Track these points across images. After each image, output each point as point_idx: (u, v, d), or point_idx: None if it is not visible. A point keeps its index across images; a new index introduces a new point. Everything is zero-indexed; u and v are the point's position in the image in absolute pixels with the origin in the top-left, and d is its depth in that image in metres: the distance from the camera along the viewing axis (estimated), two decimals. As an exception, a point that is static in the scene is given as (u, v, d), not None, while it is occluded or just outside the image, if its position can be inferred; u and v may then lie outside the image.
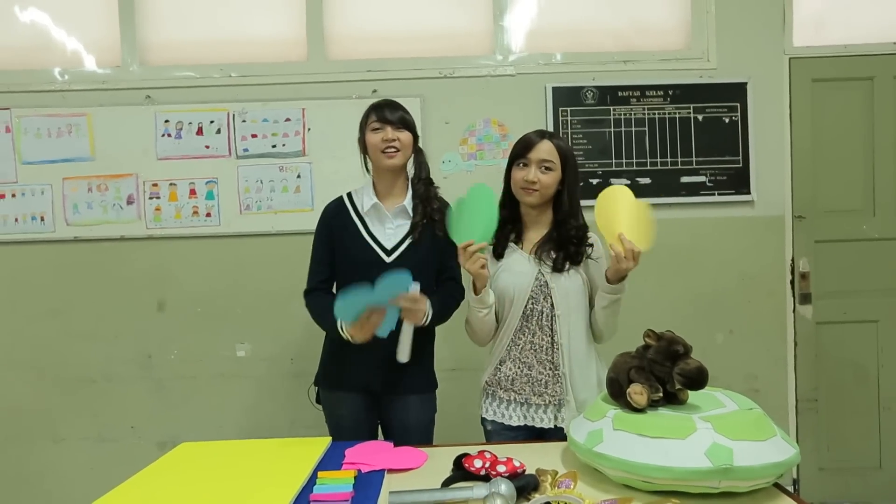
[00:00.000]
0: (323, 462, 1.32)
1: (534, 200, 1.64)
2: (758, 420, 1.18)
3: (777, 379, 2.66)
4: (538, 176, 1.60)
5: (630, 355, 1.31)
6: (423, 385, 1.76)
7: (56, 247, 2.57)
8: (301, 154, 2.57)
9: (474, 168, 2.61)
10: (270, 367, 2.61)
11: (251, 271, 2.58)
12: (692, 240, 2.60)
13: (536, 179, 1.60)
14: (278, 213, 2.56)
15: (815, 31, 2.66)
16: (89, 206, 2.56)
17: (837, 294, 2.67)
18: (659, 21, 2.65)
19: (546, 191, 1.62)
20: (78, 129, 2.55)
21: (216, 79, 2.58)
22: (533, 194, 1.62)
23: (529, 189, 1.62)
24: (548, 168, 1.61)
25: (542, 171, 1.61)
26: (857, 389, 2.70)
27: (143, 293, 2.58)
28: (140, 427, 2.60)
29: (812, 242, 2.66)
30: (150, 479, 1.24)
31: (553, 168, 1.61)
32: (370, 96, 2.53)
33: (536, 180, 1.60)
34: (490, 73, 2.61)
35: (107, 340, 2.58)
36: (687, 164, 2.59)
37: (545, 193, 1.63)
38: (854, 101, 2.67)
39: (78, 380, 2.59)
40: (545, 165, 1.61)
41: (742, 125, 2.60)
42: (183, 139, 2.55)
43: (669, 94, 2.59)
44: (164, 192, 2.55)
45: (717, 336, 2.63)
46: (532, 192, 1.62)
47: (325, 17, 2.61)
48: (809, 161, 2.65)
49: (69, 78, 2.59)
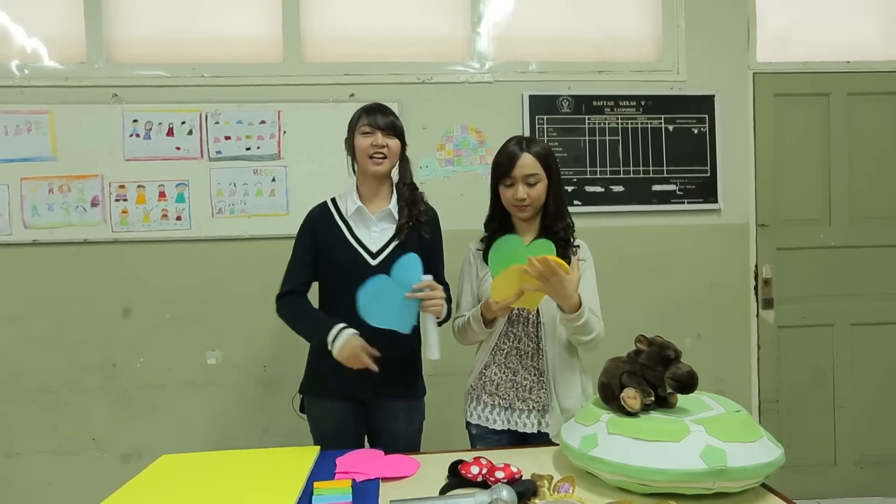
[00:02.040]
0: (314, 472, 1.30)
1: (528, 215, 1.65)
2: (745, 422, 1.22)
3: (742, 381, 2.76)
4: (526, 192, 1.61)
5: (621, 360, 1.33)
6: (412, 392, 1.75)
7: (13, 250, 2.45)
8: (276, 157, 2.52)
9: (451, 174, 2.61)
10: (242, 374, 2.54)
11: (223, 276, 2.52)
12: (663, 246, 2.68)
13: (525, 196, 1.61)
14: (252, 217, 2.51)
15: (778, 47, 2.79)
16: (50, 208, 2.44)
17: (797, 299, 2.79)
18: (633, 33, 2.73)
19: (536, 202, 1.63)
20: (38, 127, 2.44)
21: (188, 78, 2.51)
22: (526, 209, 1.63)
23: (521, 206, 1.62)
24: (533, 182, 1.61)
25: (528, 186, 1.61)
26: (815, 390, 2.82)
27: (108, 299, 2.48)
28: (102, 439, 2.49)
29: (774, 250, 2.77)
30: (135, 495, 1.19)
31: (539, 180, 1.62)
32: (347, 100, 2.51)
33: (525, 196, 1.61)
34: (468, 79, 2.62)
35: (68, 348, 2.47)
36: (658, 173, 2.67)
37: (536, 205, 1.64)
38: (812, 115, 2.80)
39: (36, 390, 2.46)
40: (530, 181, 1.61)
41: (710, 136, 2.69)
42: (152, 140, 2.47)
43: (642, 104, 2.66)
44: (132, 194, 2.46)
45: (686, 340, 2.70)
46: (524, 209, 1.63)
47: (301, 17, 2.58)
48: (772, 172, 2.77)
49: (29, 73, 2.48)
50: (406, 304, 1.54)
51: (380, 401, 1.69)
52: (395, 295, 1.53)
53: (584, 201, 2.64)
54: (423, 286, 1.53)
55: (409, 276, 1.53)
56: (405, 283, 1.53)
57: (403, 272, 1.54)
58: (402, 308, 1.54)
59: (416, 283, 1.53)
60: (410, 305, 1.55)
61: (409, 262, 1.55)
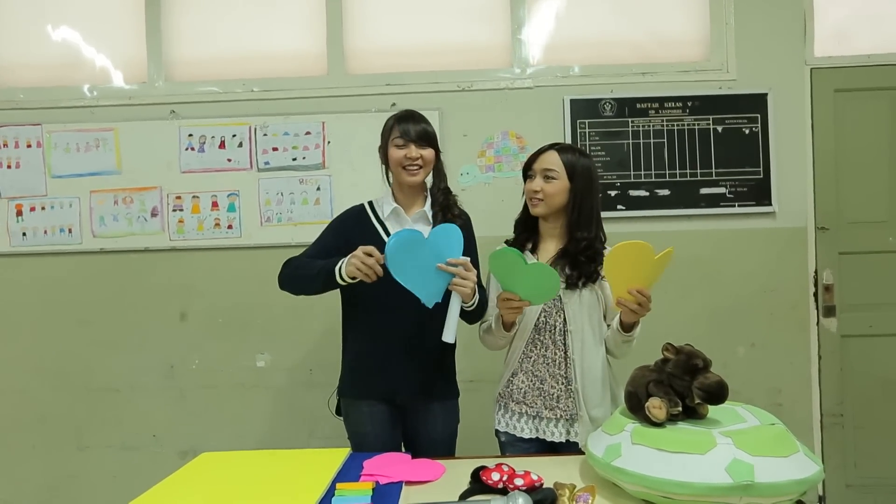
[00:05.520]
0: (341, 473, 1.33)
1: (540, 210, 1.63)
2: (779, 436, 1.17)
3: (801, 393, 2.62)
4: (541, 185, 1.61)
5: (648, 369, 1.30)
6: (446, 392, 1.75)
7: (83, 258, 2.63)
8: (321, 167, 2.60)
9: (492, 180, 2.62)
10: (290, 377, 2.63)
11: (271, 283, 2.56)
12: (712, 252, 2.58)
13: (539, 188, 1.61)
14: (298, 225, 2.60)
15: (838, 41, 2.64)
16: (115, 219, 2.62)
17: (863, 307, 2.62)
18: (677, 33, 2.65)
19: (551, 200, 1.61)
20: (105, 144, 2.62)
21: (239, 93, 2.64)
22: (538, 204, 1.62)
23: (534, 199, 1.62)
24: (550, 177, 1.61)
25: (544, 179, 1.61)
26: (885, 404, 2.63)
27: (166, 304, 2.63)
28: (162, 436, 2.64)
29: (836, 254, 2.62)
30: (171, 489, 1.26)
31: (556, 177, 1.60)
32: (389, 109, 2.56)
33: (539, 189, 1.61)
34: (508, 85, 2.63)
35: (131, 350, 2.63)
36: (706, 176, 2.58)
37: (550, 203, 1.62)
38: (878, 110, 2.63)
39: (103, 389, 2.64)
40: (547, 174, 1.61)
41: (762, 136, 2.58)
42: (206, 153, 2.61)
43: (688, 105, 2.58)
44: (188, 204, 2.61)
45: (739, 349, 2.59)
46: (537, 202, 1.62)
47: (345, 32, 2.66)
48: (832, 172, 2.62)
49: (98, 94, 2.67)
50: (436, 274, 1.48)
51: (416, 403, 1.70)
52: (426, 259, 1.46)
53: (627, 206, 2.58)
54: (459, 262, 1.49)
55: (447, 246, 1.48)
56: (440, 252, 1.48)
57: (442, 241, 1.49)
58: (430, 276, 1.47)
59: (452, 257, 1.48)
60: (440, 278, 1.48)
61: (449, 231, 1.50)
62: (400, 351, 1.66)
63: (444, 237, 1.51)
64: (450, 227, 1.53)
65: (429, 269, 1.47)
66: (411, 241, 1.46)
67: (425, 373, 1.65)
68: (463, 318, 1.61)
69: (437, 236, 1.51)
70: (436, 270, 1.48)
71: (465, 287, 1.50)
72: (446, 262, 1.48)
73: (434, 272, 1.48)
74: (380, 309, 1.64)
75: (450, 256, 1.49)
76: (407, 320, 1.63)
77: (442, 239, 1.50)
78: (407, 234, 1.47)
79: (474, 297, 1.56)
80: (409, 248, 1.45)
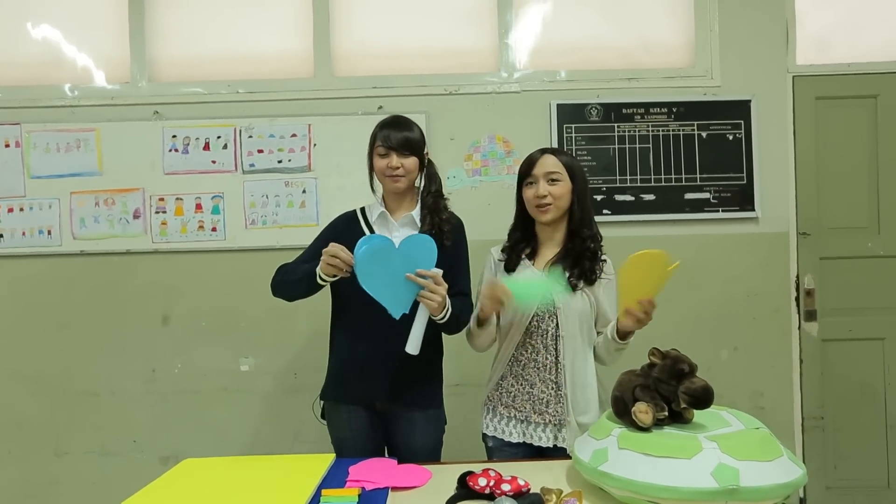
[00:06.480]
0: (326, 479, 1.32)
1: (550, 216, 1.63)
2: (764, 440, 1.18)
3: (783, 397, 2.65)
4: (548, 189, 1.61)
5: (635, 373, 1.30)
6: (427, 401, 1.72)
7: (62, 260, 2.59)
8: (307, 169, 2.58)
9: (479, 184, 2.62)
10: (274, 381, 2.61)
11: (256, 286, 2.56)
12: (696, 256, 2.60)
13: (546, 193, 1.60)
14: (283, 228, 2.58)
15: (819, 49, 2.68)
16: (96, 220, 2.58)
17: (843, 311, 2.66)
18: (663, 39, 2.68)
19: (560, 202, 1.62)
20: (86, 144, 2.58)
21: (224, 95, 2.61)
22: (548, 209, 1.62)
23: (543, 205, 1.61)
24: (555, 179, 1.61)
25: (549, 183, 1.61)
26: (864, 407, 2.67)
27: (148, 307, 2.59)
28: (143, 441, 2.60)
29: (817, 259, 2.66)
30: (153, 497, 1.24)
31: (560, 179, 1.61)
32: (376, 112, 2.55)
33: (547, 193, 1.60)
34: (495, 89, 2.63)
35: (111, 354, 2.59)
36: (691, 181, 2.60)
37: (559, 206, 1.62)
38: (858, 118, 2.67)
39: (82, 393, 2.59)
40: (551, 178, 1.61)
41: (746, 142, 2.61)
42: (190, 154, 2.58)
43: (674, 111, 2.60)
44: (171, 206, 2.57)
45: (722, 353, 2.62)
46: (546, 208, 1.61)
47: (332, 34, 2.65)
48: (813, 178, 2.66)
49: (79, 94, 2.63)
50: (406, 285, 1.46)
51: (396, 409, 1.69)
52: (395, 268, 1.45)
53: (613, 210, 2.60)
54: (429, 274, 1.47)
55: (418, 257, 1.46)
56: (412, 262, 1.46)
57: (413, 250, 1.47)
58: (399, 287, 1.46)
59: (423, 268, 1.46)
60: (409, 289, 1.47)
61: (421, 242, 1.48)
62: (380, 356, 1.65)
63: (416, 247, 1.49)
64: (423, 237, 1.52)
65: (398, 279, 1.46)
66: (381, 248, 1.45)
67: (405, 380, 1.63)
68: (441, 329, 1.61)
69: (408, 246, 1.49)
70: (405, 280, 1.47)
71: (431, 300, 1.48)
72: (416, 272, 1.47)
73: (404, 282, 1.47)
74: (363, 313, 1.62)
75: (421, 267, 1.47)
76: (388, 326, 1.61)
77: (414, 249, 1.48)
78: (377, 242, 1.46)
79: (444, 310, 1.54)
80: (378, 256, 1.44)
